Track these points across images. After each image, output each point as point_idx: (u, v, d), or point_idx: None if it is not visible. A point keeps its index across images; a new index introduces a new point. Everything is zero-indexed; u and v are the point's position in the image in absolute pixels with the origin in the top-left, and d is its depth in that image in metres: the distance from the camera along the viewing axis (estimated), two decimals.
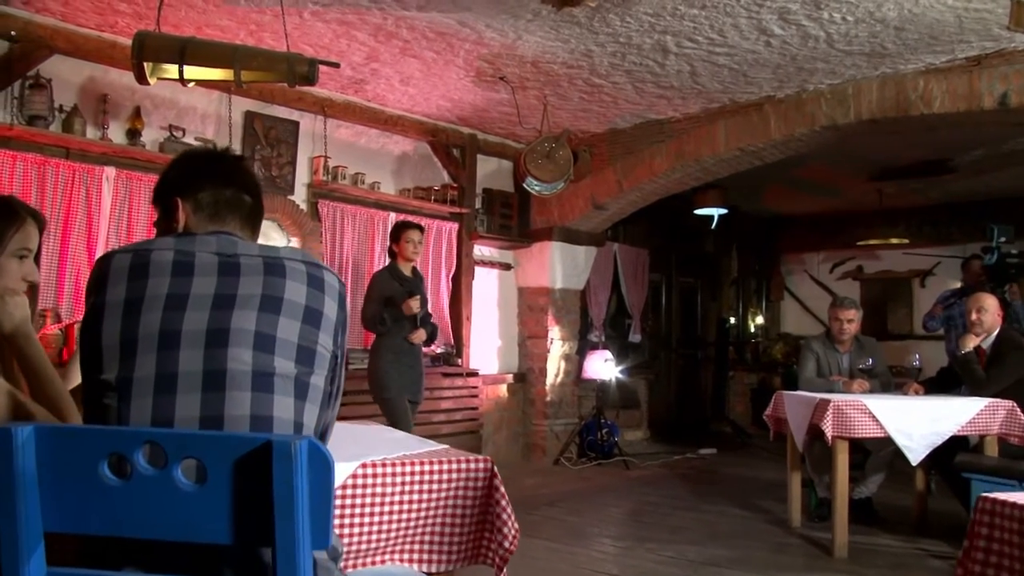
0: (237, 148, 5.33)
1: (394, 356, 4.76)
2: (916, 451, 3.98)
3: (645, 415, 8.70)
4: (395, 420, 4.62)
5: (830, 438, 3.97)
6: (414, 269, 4.97)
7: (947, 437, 4.01)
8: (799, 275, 10.64)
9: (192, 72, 3.95)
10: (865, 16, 4.29)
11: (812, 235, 10.10)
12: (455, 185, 6.61)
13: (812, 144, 5.87)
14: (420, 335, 4.83)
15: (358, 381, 5.54)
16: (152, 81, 3.98)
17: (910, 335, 9.37)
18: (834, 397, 4.10)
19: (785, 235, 10.40)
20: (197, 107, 5.20)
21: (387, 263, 5.06)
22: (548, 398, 7.18)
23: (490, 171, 7.09)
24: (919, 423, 3.98)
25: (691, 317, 10.11)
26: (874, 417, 3.95)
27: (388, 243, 5.10)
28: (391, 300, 4.76)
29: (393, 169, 6.41)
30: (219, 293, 1.35)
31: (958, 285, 7.91)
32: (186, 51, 3.85)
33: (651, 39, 4.74)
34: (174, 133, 5.01)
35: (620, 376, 7.61)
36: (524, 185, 5.91)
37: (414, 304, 4.71)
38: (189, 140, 5.09)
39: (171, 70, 3.94)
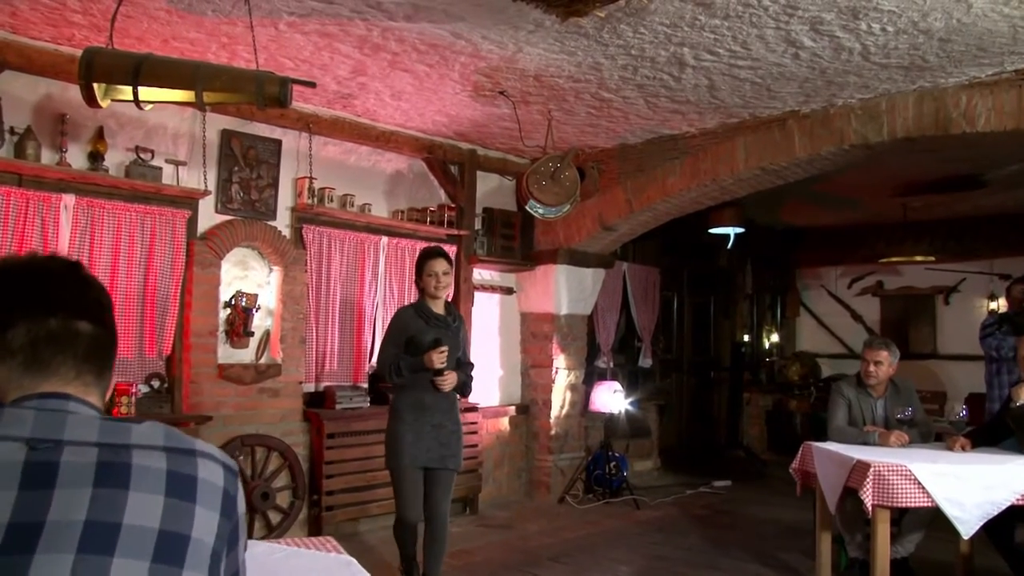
0: (212, 170, 4.88)
1: (414, 416, 3.90)
2: (968, 523, 3.49)
3: (655, 443, 8.21)
4: (398, 494, 3.93)
5: (869, 507, 3.49)
6: (448, 305, 4.15)
7: (1003, 507, 3.52)
8: (816, 291, 10.16)
9: (149, 93, 3.50)
10: (908, 27, 3.79)
11: (830, 249, 9.62)
12: (453, 205, 6.17)
13: (840, 163, 5.38)
14: (450, 379, 3.90)
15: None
16: (104, 104, 3.54)
17: (933, 355, 8.87)
18: (874, 460, 3.61)
19: (802, 249, 9.91)
20: (168, 126, 4.75)
21: (416, 298, 4.24)
22: (553, 431, 6.71)
23: (491, 189, 6.63)
24: (971, 491, 3.49)
25: (703, 336, 9.61)
26: (920, 484, 3.47)
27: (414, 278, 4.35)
28: (413, 342, 3.94)
29: (386, 189, 5.95)
30: (17, 522, 0.86)
31: (995, 307, 7.43)
32: (141, 70, 3.40)
33: (666, 51, 4.26)
34: (141, 156, 4.56)
35: (630, 408, 7.11)
36: (527, 208, 5.45)
37: (437, 358, 3.82)
38: (158, 163, 4.63)
39: (125, 91, 3.50)
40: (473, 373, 4.20)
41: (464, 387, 4.10)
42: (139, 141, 4.59)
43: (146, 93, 3.46)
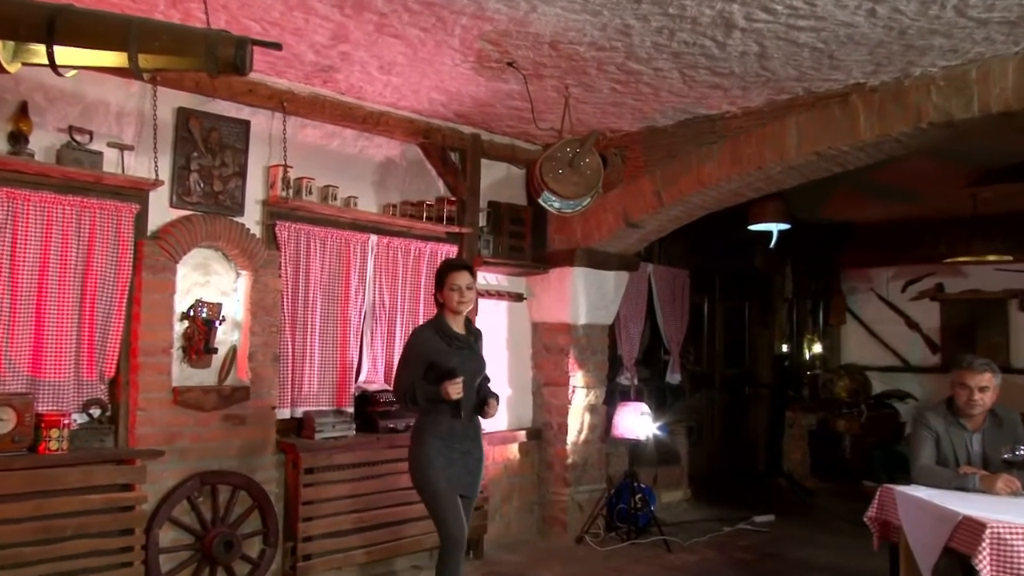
0: (166, 156, 4.40)
1: (442, 441, 3.93)
2: None
3: (685, 471, 7.70)
4: (443, 519, 3.90)
5: None
6: (469, 322, 4.15)
7: None
8: (864, 294, 9.63)
9: (69, 56, 2.96)
10: None
11: (882, 247, 9.05)
12: (453, 198, 5.70)
13: (912, 145, 4.82)
14: (493, 407, 4.05)
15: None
16: (11, 69, 3.01)
17: (1006, 368, 8.23)
18: (989, 517, 3.04)
19: (848, 247, 9.37)
20: (110, 102, 4.25)
21: (435, 314, 4.17)
22: (569, 460, 6.21)
23: (497, 179, 6.16)
24: None
25: (737, 346, 9.12)
26: None
27: (434, 291, 4.20)
28: (434, 368, 3.92)
29: (375, 180, 5.48)
30: None
31: None
32: (56, 25, 2.86)
33: (712, 10, 3.71)
34: (76, 138, 4.04)
35: (659, 433, 6.57)
36: (540, 201, 4.97)
37: (453, 389, 3.82)
38: (98, 146, 4.13)
39: (38, 52, 2.96)
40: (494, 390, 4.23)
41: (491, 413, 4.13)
42: (74, 120, 4.09)
43: (65, 55, 2.93)
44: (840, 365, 9.45)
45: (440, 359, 3.92)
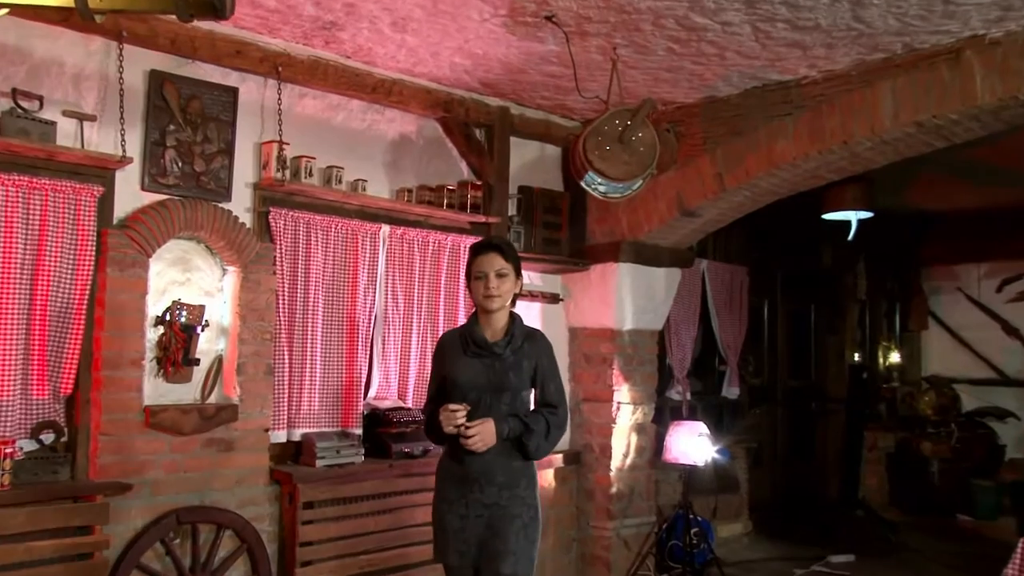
0: (136, 129, 4.08)
1: (458, 491, 3.37)
2: None
3: (745, 499, 7.39)
4: None
5: None
6: (515, 322, 3.47)
7: None
8: (950, 295, 9.32)
9: None
10: None
11: (971, 240, 8.69)
12: (478, 182, 5.45)
13: None
14: (480, 436, 3.23)
15: None
16: None
17: None
18: None
19: (931, 240, 9.06)
20: (66, 61, 3.91)
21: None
22: (614, 489, 5.87)
23: (529, 161, 5.92)
24: None
25: (802, 355, 8.81)
26: None
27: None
28: (448, 382, 3.43)
29: (386, 160, 5.22)
30: None
31: None
32: None
33: None
34: (22, 103, 3.70)
35: (718, 456, 6.18)
36: (582, 184, 4.63)
37: (446, 418, 3.26)
38: (51, 115, 3.80)
39: None
40: (554, 420, 3.43)
41: (525, 443, 3.34)
42: (19, 82, 3.75)
43: None
44: (923, 377, 9.15)
45: (453, 371, 3.40)
